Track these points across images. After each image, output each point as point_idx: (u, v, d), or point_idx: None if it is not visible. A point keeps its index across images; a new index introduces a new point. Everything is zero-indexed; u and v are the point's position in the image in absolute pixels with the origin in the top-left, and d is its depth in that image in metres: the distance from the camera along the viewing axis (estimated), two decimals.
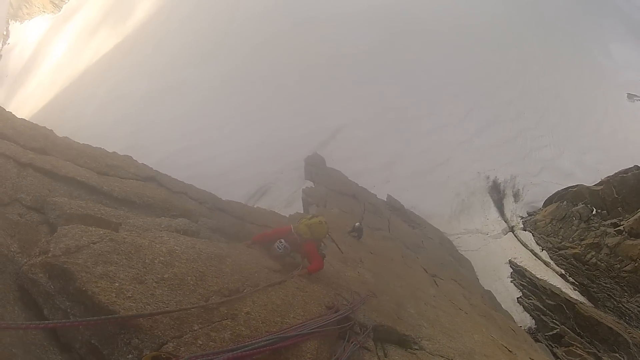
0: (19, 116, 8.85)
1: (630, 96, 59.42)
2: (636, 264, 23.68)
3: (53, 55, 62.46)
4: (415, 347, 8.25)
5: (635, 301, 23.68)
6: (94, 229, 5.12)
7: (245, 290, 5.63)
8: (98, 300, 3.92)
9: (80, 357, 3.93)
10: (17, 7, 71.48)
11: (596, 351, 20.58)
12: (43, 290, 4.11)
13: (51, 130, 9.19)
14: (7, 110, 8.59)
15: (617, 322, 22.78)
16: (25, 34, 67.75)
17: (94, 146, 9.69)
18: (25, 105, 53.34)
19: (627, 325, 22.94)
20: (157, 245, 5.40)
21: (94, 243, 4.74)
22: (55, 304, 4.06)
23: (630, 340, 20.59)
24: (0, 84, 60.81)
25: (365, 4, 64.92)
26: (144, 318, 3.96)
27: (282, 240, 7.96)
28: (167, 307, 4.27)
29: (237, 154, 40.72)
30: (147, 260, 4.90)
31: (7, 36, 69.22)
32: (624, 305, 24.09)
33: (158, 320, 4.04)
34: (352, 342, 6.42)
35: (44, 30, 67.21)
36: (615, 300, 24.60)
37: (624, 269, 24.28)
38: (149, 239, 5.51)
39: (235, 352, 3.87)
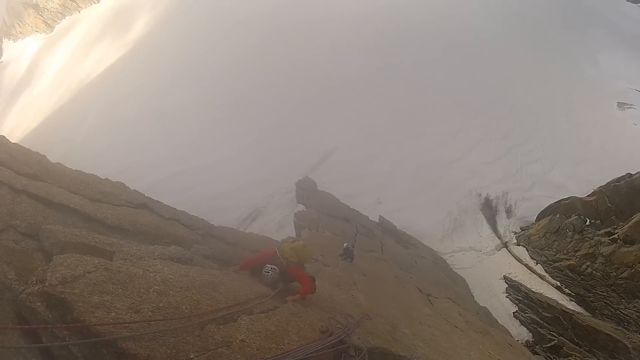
0: (11, 140, 8.90)
1: (620, 105, 59.85)
2: (632, 270, 23.73)
3: (45, 75, 62.67)
4: None
5: (634, 307, 23.69)
6: (89, 258, 5.12)
7: (239, 318, 5.64)
8: (96, 330, 3.93)
9: None
10: (11, 26, 71.84)
11: (596, 359, 20.58)
12: (41, 318, 4.12)
13: (44, 155, 9.28)
14: (0, 134, 8.63)
15: (616, 329, 22.76)
16: (18, 53, 67.95)
17: (87, 172, 9.74)
18: (18, 126, 53.32)
19: (626, 331, 22.92)
20: (151, 274, 5.42)
21: (89, 272, 4.74)
22: (54, 333, 4.05)
23: (630, 345, 20.50)
24: None
25: (355, 28, 65.59)
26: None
27: (270, 266, 7.94)
28: (163, 337, 4.29)
29: (228, 179, 40.82)
30: (142, 290, 4.92)
31: None
32: (622, 312, 24.12)
33: (155, 349, 4.05)
34: None
35: (36, 49, 67.42)
36: (613, 307, 24.63)
37: (621, 276, 24.33)
38: (143, 267, 5.53)
39: None
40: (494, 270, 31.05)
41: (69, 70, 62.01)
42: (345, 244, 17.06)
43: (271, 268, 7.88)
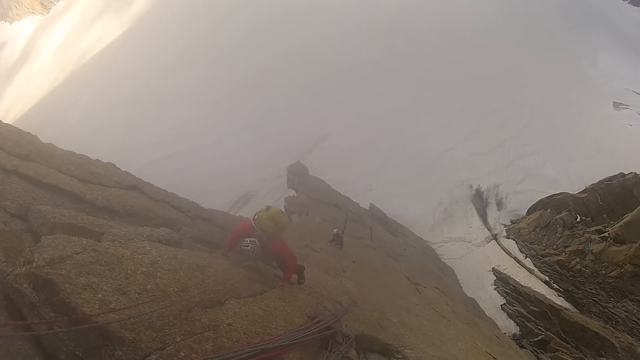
0: (4, 121, 8.83)
1: (617, 105, 60.34)
2: (622, 270, 24.00)
3: (40, 57, 61.98)
4: (398, 356, 8.24)
5: (622, 306, 23.94)
6: (76, 238, 5.08)
7: (226, 302, 5.65)
8: (82, 312, 3.90)
9: None
10: (7, 7, 71.02)
11: (582, 356, 20.71)
12: (28, 300, 4.09)
13: (35, 136, 9.21)
14: None
15: (604, 327, 22.95)
16: (14, 34, 67.18)
17: (78, 153, 9.68)
18: (12, 108, 52.82)
19: (614, 330, 23.17)
20: (140, 256, 5.40)
21: (77, 253, 4.70)
22: (40, 314, 4.03)
23: (617, 345, 20.71)
24: None
25: (353, 14, 65.31)
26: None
27: (249, 239, 7.55)
28: (149, 319, 4.28)
29: (220, 162, 40.63)
30: (129, 271, 4.90)
31: None
32: (610, 311, 24.36)
33: (141, 332, 4.04)
34: (334, 352, 6.42)
35: (32, 31, 66.73)
36: (601, 305, 24.87)
37: (610, 274, 24.58)
38: (131, 249, 5.50)
39: None
40: (482, 262, 31.22)
41: (64, 51, 61.37)
42: (335, 230, 17.13)
43: (250, 241, 7.50)
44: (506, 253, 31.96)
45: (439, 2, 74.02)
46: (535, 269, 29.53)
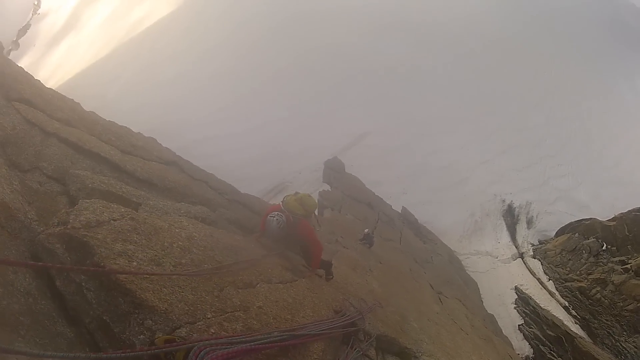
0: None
1: None
2: (638, 304, 23.56)
3: (83, 30, 62.69)
4: None
5: (633, 341, 23.53)
6: (115, 205, 5.10)
7: (258, 285, 5.63)
8: (115, 277, 3.88)
9: (88, 332, 3.86)
10: None
11: None
12: (58, 261, 4.05)
13: (78, 103, 9.23)
14: (35, 78, 8.62)
15: None
16: (58, 5, 67.97)
17: (120, 124, 9.74)
18: (51, 77, 53.59)
19: None
20: (177, 230, 5.40)
21: (114, 220, 4.71)
22: (69, 276, 3.98)
23: None
24: (27, 53, 61.04)
25: (399, 16, 65.09)
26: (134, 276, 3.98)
27: (277, 212, 7.38)
28: (182, 293, 4.27)
29: (258, 149, 40.77)
30: (165, 244, 4.89)
31: (37, 6, 69.54)
32: (621, 345, 23.93)
33: (173, 304, 4.02)
34: (355, 349, 6.40)
35: (77, 2, 67.43)
36: (614, 338, 24.42)
37: (627, 307, 24.18)
38: (168, 222, 5.51)
39: (248, 344, 3.85)
40: (506, 279, 30.84)
41: (109, 26, 62.02)
42: (366, 230, 17.09)
43: (277, 214, 7.32)
44: (530, 273, 31.50)
45: (488, 15, 73.42)
46: (557, 293, 29.07)
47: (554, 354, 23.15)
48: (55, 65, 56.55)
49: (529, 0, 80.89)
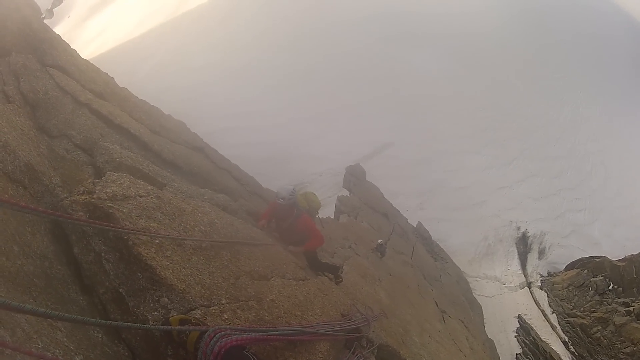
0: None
1: None
2: (635, 348, 23.48)
3: (119, 6, 63.18)
4: None
5: None
6: (142, 182, 5.14)
7: (272, 279, 5.68)
8: (137, 251, 3.90)
9: (101, 302, 3.88)
10: None
11: None
12: (80, 229, 4.03)
13: (112, 77, 9.31)
14: (71, 47, 8.69)
15: None
16: None
17: (151, 104, 9.83)
18: (82, 50, 53.95)
19: None
20: (199, 214, 5.45)
21: (140, 196, 4.75)
22: (89, 244, 3.97)
23: None
24: (60, 23, 61.40)
25: (434, 28, 65.05)
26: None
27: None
28: (200, 275, 4.32)
29: (281, 146, 40.85)
30: (188, 226, 4.93)
31: None
32: None
33: (191, 285, 4.06)
34: (356, 355, 6.40)
35: None
36: None
37: (623, 350, 24.05)
38: (192, 205, 5.56)
39: (260, 333, 3.90)
40: (511, 306, 30.65)
41: (145, 6, 62.56)
42: (380, 241, 17.05)
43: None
44: (535, 304, 31.29)
45: (525, 40, 73.24)
46: (558, 327, 28.85)
47: None
48: (88, 38, 57.06)
49: (563, 33, 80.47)
